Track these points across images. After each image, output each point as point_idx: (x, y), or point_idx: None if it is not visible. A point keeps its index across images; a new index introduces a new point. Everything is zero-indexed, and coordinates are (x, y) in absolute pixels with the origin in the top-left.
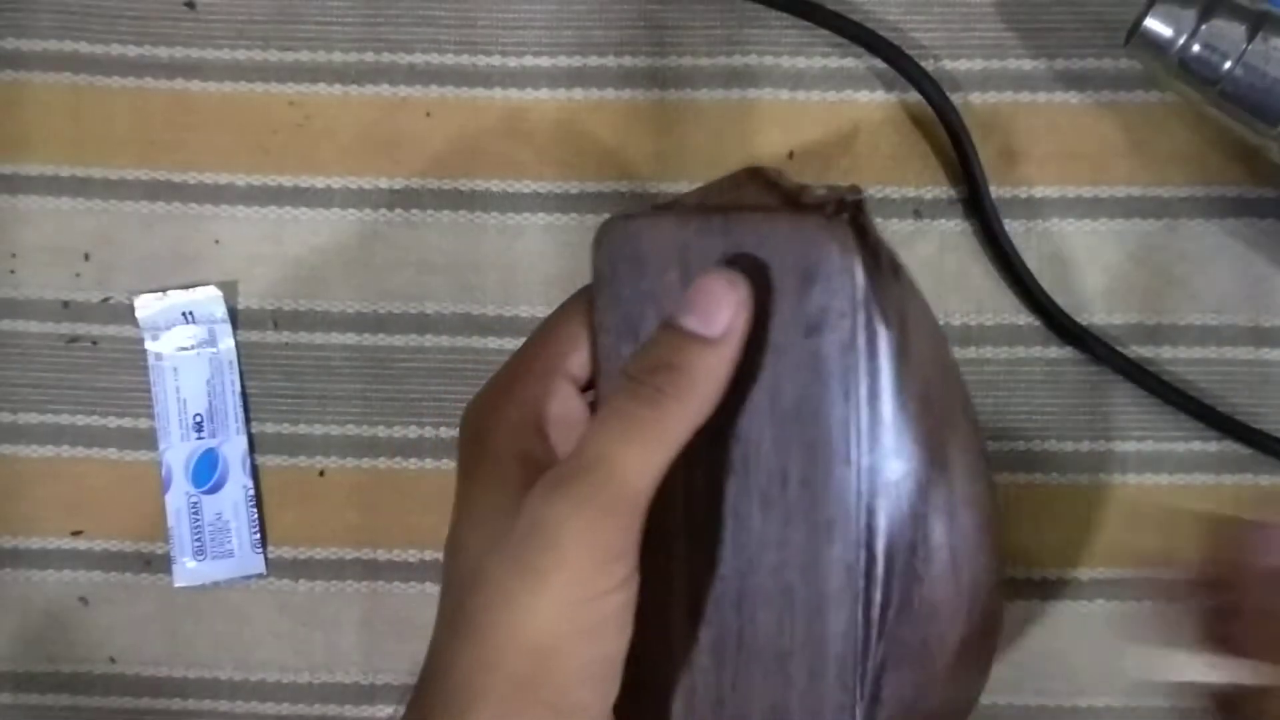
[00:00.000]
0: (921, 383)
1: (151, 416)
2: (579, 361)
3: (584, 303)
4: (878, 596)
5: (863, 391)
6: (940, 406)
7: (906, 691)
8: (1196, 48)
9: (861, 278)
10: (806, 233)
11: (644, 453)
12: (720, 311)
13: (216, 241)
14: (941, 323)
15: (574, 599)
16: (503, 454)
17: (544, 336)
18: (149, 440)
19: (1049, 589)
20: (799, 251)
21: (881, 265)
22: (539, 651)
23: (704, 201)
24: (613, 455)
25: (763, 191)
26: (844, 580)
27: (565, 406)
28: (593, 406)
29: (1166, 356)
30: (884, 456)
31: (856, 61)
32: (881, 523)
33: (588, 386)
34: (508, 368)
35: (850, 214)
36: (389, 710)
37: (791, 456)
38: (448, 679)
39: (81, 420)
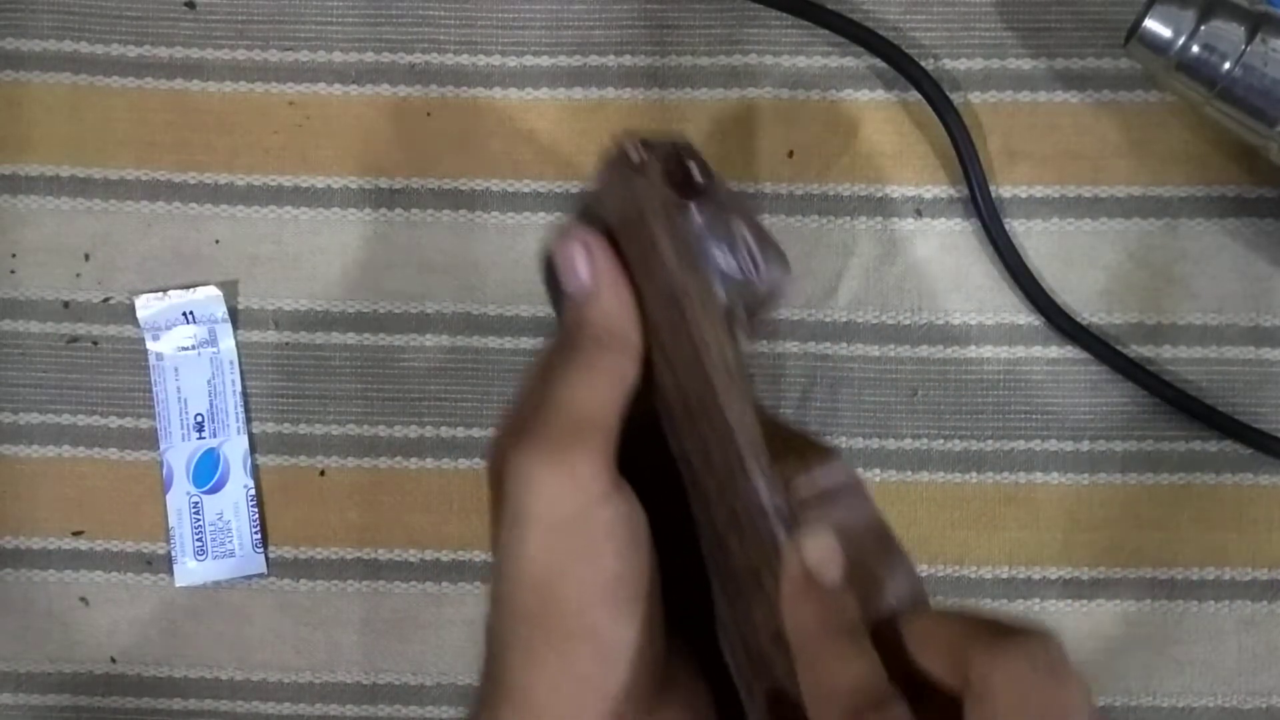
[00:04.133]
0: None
1: (152, 416)
2: None
3: None
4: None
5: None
6: None
7: None
8: (1196, 48)
9: (667, 240)
10: (633, 193)
11: (585, 384)
12: (576, 263)
13: (216, 241)
14: (941, 322)
15: (554, 523)
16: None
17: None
18: (150, 440)
19: (1049, 589)
20: (635, 214)
21: (706, 204)
22: (538, 584)
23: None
24: (556, 393)
25: (614, 166)
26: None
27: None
28: None
29: (1166, 356)
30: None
31: (856, 61)
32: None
33: None
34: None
35: (663, 165)
36: (389, 710)
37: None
38: (490, 645)
39: (82, 420)
